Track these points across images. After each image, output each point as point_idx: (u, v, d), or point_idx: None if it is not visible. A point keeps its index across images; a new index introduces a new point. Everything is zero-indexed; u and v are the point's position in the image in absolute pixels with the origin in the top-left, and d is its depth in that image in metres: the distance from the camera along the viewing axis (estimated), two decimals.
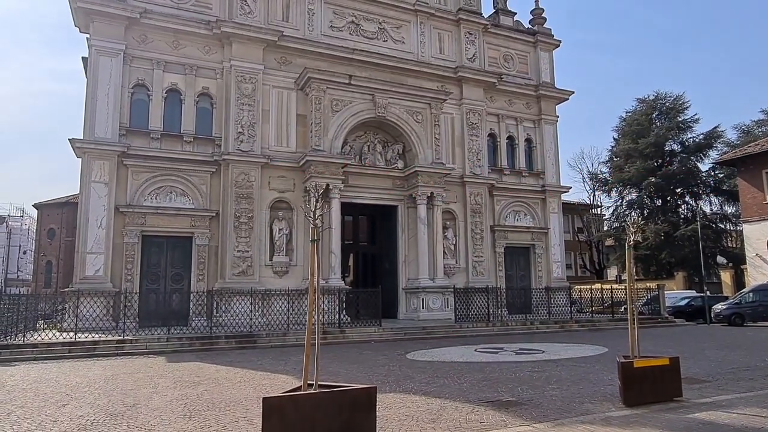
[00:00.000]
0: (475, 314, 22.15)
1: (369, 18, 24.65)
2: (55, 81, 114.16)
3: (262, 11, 22.18)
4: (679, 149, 42.85)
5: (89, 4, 19.41)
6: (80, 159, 19.36)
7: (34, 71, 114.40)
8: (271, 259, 21.10)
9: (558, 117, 29.20)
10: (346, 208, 23.34)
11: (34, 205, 47.95)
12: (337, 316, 19.56)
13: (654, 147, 41.58)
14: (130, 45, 20.14)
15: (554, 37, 29.55)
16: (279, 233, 21.41)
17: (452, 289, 22.66)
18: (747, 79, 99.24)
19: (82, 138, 19.13)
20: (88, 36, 19.92)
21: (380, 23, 24.86)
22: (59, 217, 43.87)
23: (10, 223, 58.08)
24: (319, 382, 5.19)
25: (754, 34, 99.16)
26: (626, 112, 45.63)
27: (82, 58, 21.80)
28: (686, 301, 30.08)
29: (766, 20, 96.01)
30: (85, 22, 19.88)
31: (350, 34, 24.20)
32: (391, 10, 25.22)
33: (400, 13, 25.47)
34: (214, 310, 19.29)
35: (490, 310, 22.32)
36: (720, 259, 38.73)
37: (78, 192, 20.36)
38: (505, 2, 29.28)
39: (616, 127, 46.23)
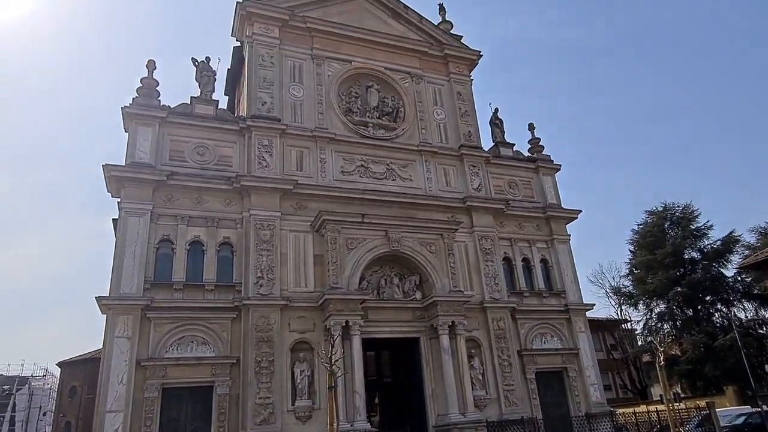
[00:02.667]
0: None
1: (377, 161, 26.47)
2: (88, 241, 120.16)
3: (278, 164, 24.04)
4: (699, 257, 42.44)
5: (122, 173, 21.32)
6: (105, 315, 19.83)
7: (69, 233, 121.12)
8: (293, 404, 20.38)
9: (570, 236, 29.62)
10: (368, 344, 22.98)
11: (58, 364, 47.82)
12: None
13: (673, 256, 41.28)
14: (156, 204, 21.65)
15: (553, 162, 31.10)
16: (301, 375, 20.93)
17: (485, 423, 21.37)
18: (752, 181, 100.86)
19: (107, 295, 19.77)
20: (119, 200, 21.56)
21: (388, 164, 26.61)
22: (81, 375, 43.48)
23: (32, 383, 57.46)
24: None
25: (746, 139, 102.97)
26: (638, 225, 46.07)
27: (113, 219, 23.34)
28: (743, 418, 27.68)
29: (753, 125, 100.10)
30: (117, 188, 21.64)
31: (360, 176, 25.83)
32: (397, 152, 27.14)
33: (406, 154, 27.35)
34: None
35: None
36: None
37: (100, 347, 20.50)
38: (503, 135, 31.38)
39: (631, 239, 46.40)
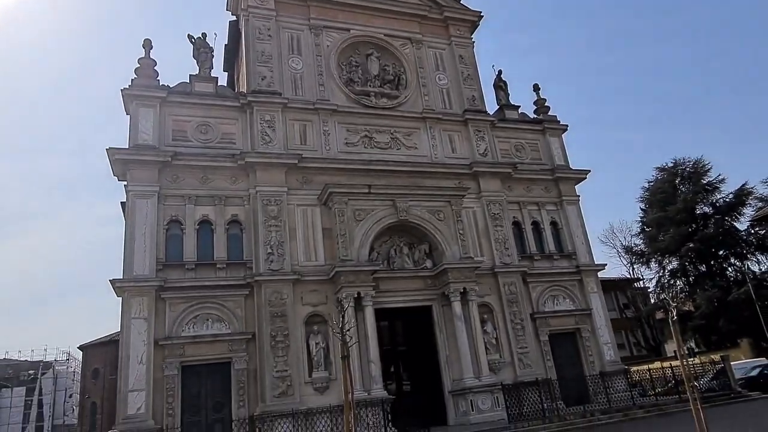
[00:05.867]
0: (529, 411, 20.89)
1: (381, 130, 26.15)
2: (98, 226, 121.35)
3: (281, 139, 23.83)
4: (711, 211, 42.03)
5: (126, 155, 21.27)
6: (120, 297, 20.07)
7: (80, 219, 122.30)
8: (310, 376, 20.70)
9: (579, 196, 29.31)
10: (381, 314, 23.13)
11: (80, 347, 48.88)
12: (383, 430, 18.65)
13: (684, 212, 40.92)
14: (163, 185, 21.63)
15: (560, 122, 30.57)
16: (316, 347, 21.20)
17: (500, 386, 21.59)
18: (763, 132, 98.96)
19: (121, 278, 19.97)
20: (125, 183, 21.55)
21: (392, 133, 26.29)
22: (103, 357, 44.44)
23: (56, 368, 58.91)
24: None
25: (759, 90, 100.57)
26: (648, 182, 45.58)
27: (121, 203, 23.40)
28: (758, 370, 27.84)
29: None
30: (123, 171, 21.61)
31: (365, 147, 25.58)
32: (401, 121, 26.78)
33: (410, 122, 26.98)
34: None
35: (545, 405, 21.02)
36: None
37: (119, 329, 20.83)
38: (508, 98, 30.81)
39: (641, 197, 45.98)
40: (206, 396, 19.98)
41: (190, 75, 24.13)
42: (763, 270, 40.56)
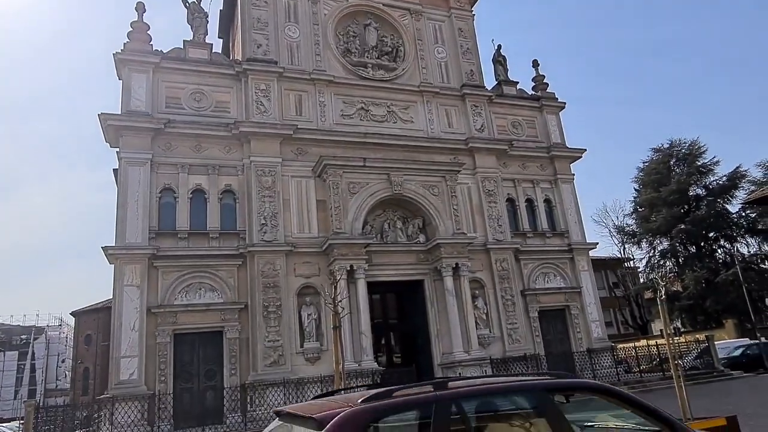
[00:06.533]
0: None
1: (377, 103, 25.87)
2: (91, 192, 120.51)
3: (277, 108, 23.53)
4: (704, 193, 42.27)
5: (118, 121, 20.96)
6: (113, 265, 20.05)
7: (73, 185, 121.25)
8: (302, 346, 20.92)
9: (574, 175, 29.34)
10: (373, 287, 23.28)
11: (72, 313, 49.06)
12: None
13: (677, 194, 41.12)
14: (156, 153, 21.39)
15: (558, 100, 30.35)
16: (308, 319, 21.37)
17: (489, 361, 21.94)
18: (761, 116, 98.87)
19: (114, 245, 19.91)
20: (117, 150, 21.30)
21: (388, 106, 26.02)
22: (95, 323, 44.67)
23: (48, 333, 59.22)
24: None
25: (760, 69, 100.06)
26: (643, 163, 45.68)
27: (113, 170, 23.16)
28: (741, 350, 28.44)
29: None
30: (115, 138, 21.34)
31: (361, 119, 25.33)
32: (398, 94, 26.47)
33: (407, 95, 26.68)
34: (248, 405, 18.96)
35: None
36: None
37: (112, 297, 20.87)
38: (506, 73, 30.49)
39: (636, 177, 46.13)
40: (198, 364, 20.18)
41: (184, 41, 23.67)
42: (751, 252, 41.14)
